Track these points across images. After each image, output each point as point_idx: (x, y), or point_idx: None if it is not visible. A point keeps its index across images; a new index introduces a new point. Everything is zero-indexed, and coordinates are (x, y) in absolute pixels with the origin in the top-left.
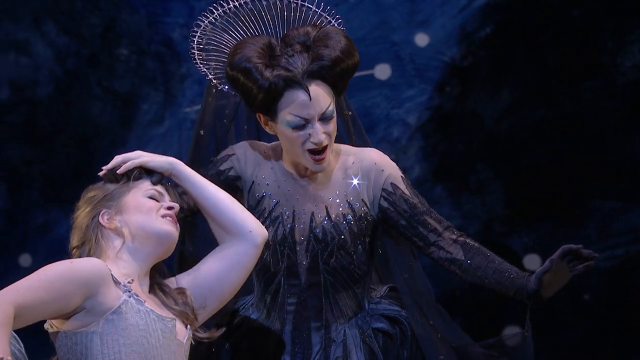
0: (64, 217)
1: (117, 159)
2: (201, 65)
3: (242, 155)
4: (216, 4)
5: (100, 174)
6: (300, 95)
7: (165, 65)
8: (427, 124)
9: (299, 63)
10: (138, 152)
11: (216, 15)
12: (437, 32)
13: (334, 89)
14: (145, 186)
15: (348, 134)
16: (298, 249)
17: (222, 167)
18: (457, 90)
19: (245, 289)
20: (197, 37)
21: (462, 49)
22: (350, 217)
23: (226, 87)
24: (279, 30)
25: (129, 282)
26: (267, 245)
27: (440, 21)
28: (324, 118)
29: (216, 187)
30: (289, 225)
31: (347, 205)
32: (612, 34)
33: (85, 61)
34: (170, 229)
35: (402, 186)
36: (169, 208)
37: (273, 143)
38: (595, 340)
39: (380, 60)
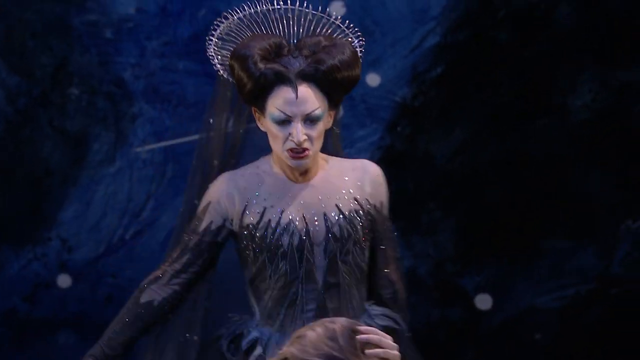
0: (15, 257)
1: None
2: (213, 54)
3: (219, 196)
4: (244, 5)
5: None
6: (288, 92)
7: (116, 105)
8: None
9: (298, 64)
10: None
11: (243, 15)
12: (388, 71)
13: (328, 98)
14: None
15: (335, 150)
16: (316, 251)
17: (201, 229)
18: (409, 130)
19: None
20: (219, 28)
21: (413, 88)
22: (361, 212)
23: (226, 74)
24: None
25: None
26: (283, 253)
27: (391, 61)
28: (308, 120)
29: None
30: (304, 229)
31: (355, 202)
32: (563, 74)
33: (36, 101)
34: None
35: (386, 205)
36: None
37: (255, 162)
38: None
39: None
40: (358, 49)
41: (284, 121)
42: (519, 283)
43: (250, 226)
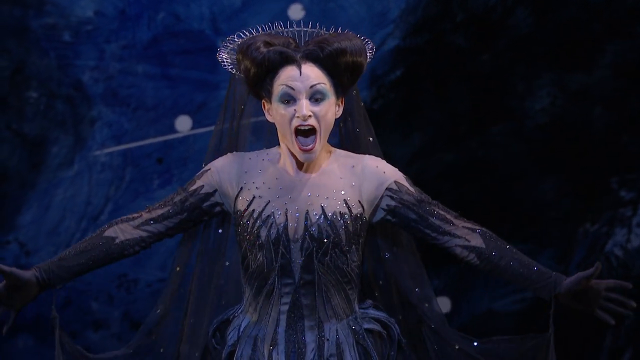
0: None
1: None
2: (223, 56)
3: (220, 168)
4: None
5: None
6: (293, 69)
7: (75, 109)
8: None
9: (303, 49)
10: None
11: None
12: None
13: (335, 81)
14: None
15: (364, 119)
16: (292, 247)
17: (191, 189)
18: None
19: (231, 299)
20: (233, 42)
21: (372, 92)
22: (347, 216)
23: (233, 70)
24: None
25: None
26: (260, 245)
27: None
28: (313, 96)
29: None
30: (282, 224)
31: (344, 205)
32: (521, 78)
33: None
34: None
35: (406, 184)
36: None
37: (267, 149)
38: None
39: None
40: (368, 52)
41: (289, 98)
42: (478, 286)
43: (239, 212)
